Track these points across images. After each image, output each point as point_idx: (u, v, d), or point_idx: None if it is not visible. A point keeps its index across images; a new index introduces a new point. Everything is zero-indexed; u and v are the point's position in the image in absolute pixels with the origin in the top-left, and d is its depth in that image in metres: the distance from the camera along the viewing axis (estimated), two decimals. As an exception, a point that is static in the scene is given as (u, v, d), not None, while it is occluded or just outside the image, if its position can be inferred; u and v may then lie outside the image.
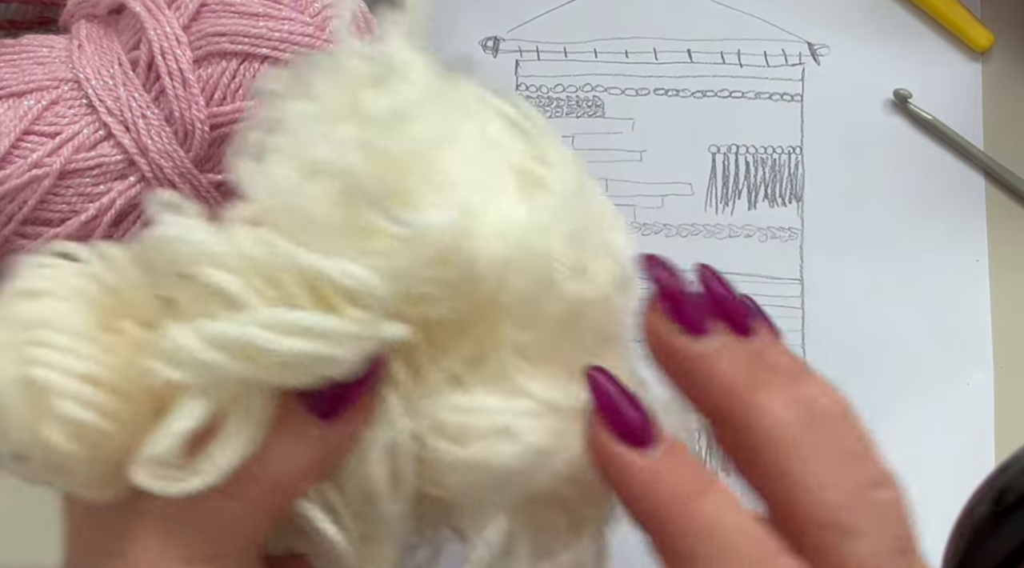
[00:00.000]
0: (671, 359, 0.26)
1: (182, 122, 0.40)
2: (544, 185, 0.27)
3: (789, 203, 0.49)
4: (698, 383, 0.25)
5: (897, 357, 0.48)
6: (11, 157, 0.40)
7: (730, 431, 0.25)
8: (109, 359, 0.25)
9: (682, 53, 0.50)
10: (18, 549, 0.48)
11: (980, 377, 0.47)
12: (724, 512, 0.24)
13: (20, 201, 0.40)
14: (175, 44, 0.40)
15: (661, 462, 0.25)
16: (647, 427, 0.25)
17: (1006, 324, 0.48)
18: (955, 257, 0.48)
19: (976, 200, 0.49)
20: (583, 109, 0.50)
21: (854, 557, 0.24)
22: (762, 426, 0.25)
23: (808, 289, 0.48)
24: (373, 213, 0.24)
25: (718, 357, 0.25)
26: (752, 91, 0.50)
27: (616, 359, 0.28)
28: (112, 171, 0.41)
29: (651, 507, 0.24)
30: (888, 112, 0.50)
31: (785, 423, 0.25)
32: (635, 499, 0.25)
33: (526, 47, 0.51)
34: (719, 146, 0.50)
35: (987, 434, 0.47)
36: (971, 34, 0.49)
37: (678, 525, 0.24)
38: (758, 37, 0.50)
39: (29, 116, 0.40)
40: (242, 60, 0.40)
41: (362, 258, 0.24)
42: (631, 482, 0.25)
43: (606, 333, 0.28)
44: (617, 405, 0.25)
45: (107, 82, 0.41)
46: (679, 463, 0.25)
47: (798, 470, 0.25)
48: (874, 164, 0.49)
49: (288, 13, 0.41)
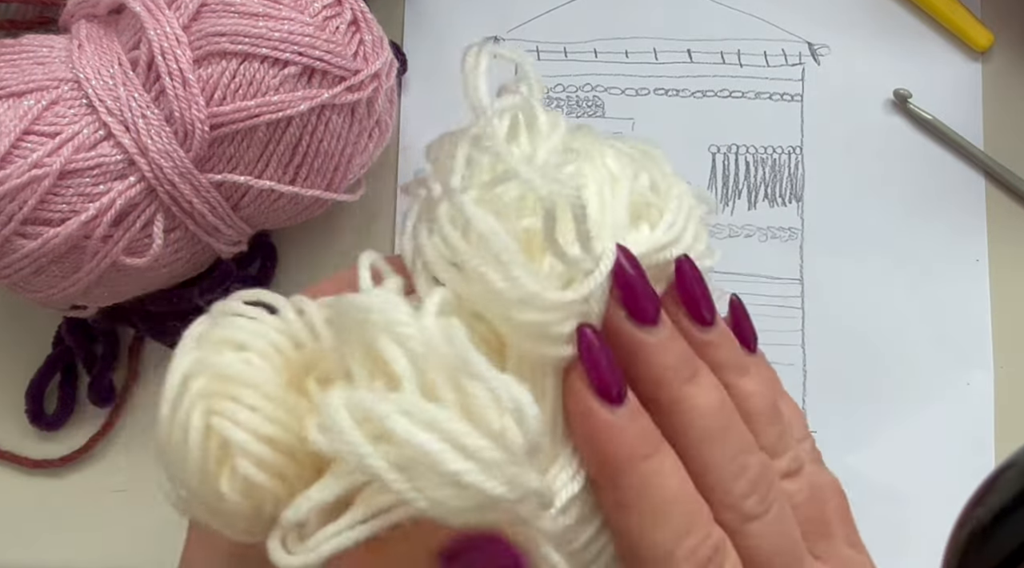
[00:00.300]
0: (618, 343, 0.28)
1: (182, 122, 0.40)
2: (660, 211, 0.30)
3: (789, 203, 0.49)
4: (637, 368, 0.28)
5: (897, 357, 0.48)
6: (11, 157, 0.40)
7: (659, 417, 0.28)
8: (289, 420, 0.26)
9: (682, 53, 0.50)
10: (18, 549, 0.48)
11: (980, 377, 0.47)
12: (667, 475, 0.27)
13: (20, 201, 0.40)
14: (175, 44, 0.40)
15: (624, 420, 0.27)
16: (620, 387, 0.27)
17: (1006, 324, 0.48)
18: (955, 257, 0.48)
19: (976, 200, 0.49)
20: (583, 109, 0.50)
21: (752, 539, 0.28)
22: (683, 415, 0.28)
23: (808, 289, 0.48)
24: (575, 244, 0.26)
25: (658, 347, 0.28)
26: (752, 91, 0.50)
27: None
28: (112, 171, 0.41)
29: (606, 458, 0.27)
30: (888, 112, 0.50)
31: (704, 414, 0.28)
32: (594, 448, 0.27)
33: (526, 47, 0.50)
34: (719, 146, 0.50)
35: (987, 434, 0.47)
36: (971, 34, 0.49)
37: (625, 478, 0.27)
38: (758, 37, 0.50)
39: (29, 116, 0.40)
40: (242, 60, 0.40)
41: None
42: (595, 433, 0.27)
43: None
44: (598, 361, 0.27)
45: (107, 82, 0.41)
46: (639, 425, 0.27)
47: (711, 459, 0.28)
48: (874, 164, 0.49)
49: (288, 13, 0.41)
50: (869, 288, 0.48)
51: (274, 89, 0.41)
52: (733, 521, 0.28)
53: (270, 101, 0.41)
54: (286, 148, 0.42)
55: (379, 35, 0.44)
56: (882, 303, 0.48)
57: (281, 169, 0.42)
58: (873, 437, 0.47)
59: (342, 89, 0.41)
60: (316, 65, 0.41)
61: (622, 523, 0.27)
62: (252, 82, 0.41)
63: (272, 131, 0.41)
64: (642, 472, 0.27)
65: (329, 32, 0.41)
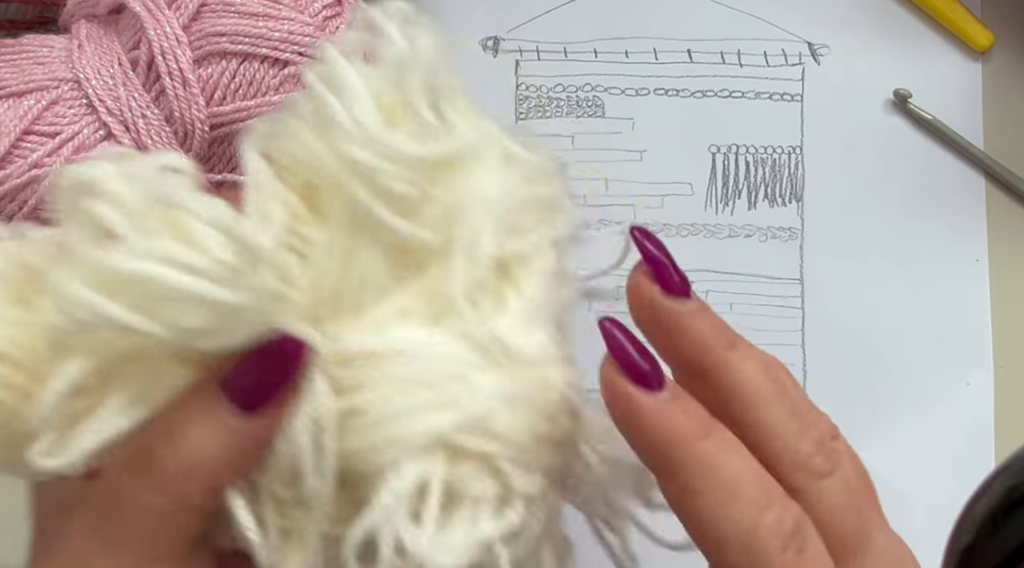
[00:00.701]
0: (653, 316, 0.28)
1: (182, 122, 0.40)
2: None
3: (789, 203, 0.49)
4: (676, 338, 0.28)
5: (897, 357, 0.48)
6: (11, 157, 0.40)
7: (704, 383, 0.28)
8: (17, 334, 0.25)
9: (682, 53, 0.50)
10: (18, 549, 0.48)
11: (980, 377, 0.47)
12: (727, 451, 0.26)
13: (20, 201, 0.40)
14: (175, 44, 0.40)
15: (669, 404, 0.26)
16: (656, 372, 0.27)
17: (1006, 324, 0.48)
18: (955, 257, 0.48)
19: (976, 200, 0.49)
20: (583, 109, 0.50)
21: (826, 495, 0.27)
22: (737, 379, 0.27)
23: (808, 289, 0.48)
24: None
25: (695, 316, 0.28)
26: (752, 91, 0.50)
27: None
28: (112, 171, 0.41)
29: (661, 445, 0.26)
30: (888, 112, 0.50)
31: (756, 375, 0.27)
32: (646, 437, 0.26)
33: (526, 47, 0.50)
34: (719, 146, 0.50)
35: (987, 434, 0.47)
36: (971, 34, 0.49)
37: (686, 461, 0.26)
38: (758, 37, 0.50)
39: (29, 116, 0.40)
40: (242, 60, 0.40)
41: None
42: (641, 420, 0.26)
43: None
44: (628, 351, 0.27)
45: (107, 82, 0.41)
46: (685, 405, 0.27)
47: (769, 420, 0.27)
48: (874, 164, 0.49)
49: (288, 13, 0.41)
50: (869, 288, 0.48)
51: (274, 89, 0.41)
52: (805, 481, 0.27)
53: (270, 101, 0.41)
54: (286, 148, 0.42)
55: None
56: (882, 303, 0.48)
57: (281, 169, 0.42)
58: (873, 437, 0.47)
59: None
60: (316, 65, 0.41)
61: (694, 510, 0.26)
62: (252, 82, 0.41)
63: (272, 131, 0.41)
64: (702, 451, 0.26)
65: (329, 32, 0.41)
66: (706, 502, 0.26)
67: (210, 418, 0.25)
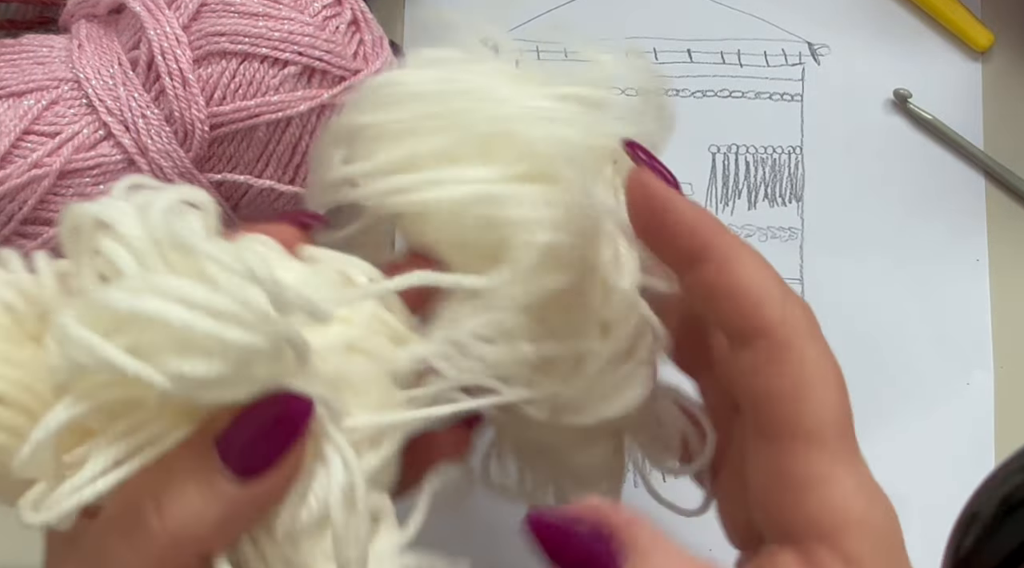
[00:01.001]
0: (651, 202, 0.30)
1: (182, 122, 0.40)
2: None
3: (789, 203, 0.49)
4: (673, 222, 0.29)
5: (897, 357, 0.48)
6: (11, 157, 0.40)
7: (698, 267, 0.29)
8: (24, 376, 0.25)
9: (682, 53, 0.50)
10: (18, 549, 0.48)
11: (980, 377, 0.47)
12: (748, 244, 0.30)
13: (20, 201, 0.40)
14: (175, 44, 0.40)
15: (695, 201, 0.30)
16: (675, 181, 0.31)
17: (1006, 324, 0.48)
18: (955, 257, 0.48)
19: (976, 200, 0.49)
20: (583, 109, 0.50)
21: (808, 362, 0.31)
22: (737, 258, 0.29)
23: (808, 289, 0.48)
24: None
25: (686, 201, 0.30)
26: (752, 91, 0.50)
27: None
28: (112, 171, 0.40)
29: (697, 228, 0.29)
30: (888, 112, 0.50)
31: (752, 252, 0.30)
32: (682, 224, 0.29)
33: (526, 47, 0.50)
34: (719, 146, 0.50)
35: (987, 434, 0.47)
36: (971, 34, 0.49)
37: (720, 242, 0.29)
38: (758, 37, 0.50)
39: (29, 116, 0.40)
40: (242, 60, 0.40)
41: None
42: (678, 209, 0.29)
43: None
44: (656, 165, 0.31)
45: (107, 82, 0.41)
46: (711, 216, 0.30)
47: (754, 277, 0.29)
48: (874, 164, 0.49)
49: (288, 13, 0.41)
50: (869, 288, 0.48)
51: (274, 89, 0.41)
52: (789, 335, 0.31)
53: (270, 101, 0.41)
54: (286, 148, 0.42)
55: (379, 35, 0.44)
56: (882, 303, 0.48)
57: (281, 169, 0.42)
58: (873, 437, 0.47)
59: (342, 89, 0.41)
60: (316, 65, 0.41)
61: (734, 279, 0.28)
62: (252, 82, 0.41)
63: (272, 131, 0.41)
64: (733, 235, 0.29)
65: (329, 32, 0.41)
66: (745, 269, 0.28)
67: (203, 482, 0.24)
